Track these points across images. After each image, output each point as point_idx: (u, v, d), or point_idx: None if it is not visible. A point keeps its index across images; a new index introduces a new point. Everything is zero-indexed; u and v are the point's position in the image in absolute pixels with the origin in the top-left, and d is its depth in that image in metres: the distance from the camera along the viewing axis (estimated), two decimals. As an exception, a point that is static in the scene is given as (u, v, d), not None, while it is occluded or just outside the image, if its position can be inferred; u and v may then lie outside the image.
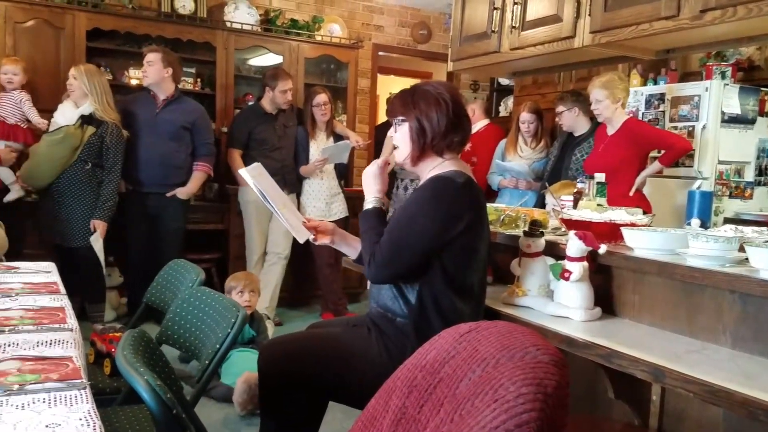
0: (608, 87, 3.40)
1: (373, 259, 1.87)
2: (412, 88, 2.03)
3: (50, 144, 3.67)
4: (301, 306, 5.02)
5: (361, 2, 6.04)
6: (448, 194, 1.88)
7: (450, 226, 1.85)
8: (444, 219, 1.85)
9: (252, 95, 5.18)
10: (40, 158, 3.68)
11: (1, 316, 1.69)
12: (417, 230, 1.85)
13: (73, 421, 1.09)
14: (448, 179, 1.90)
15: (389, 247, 1.87)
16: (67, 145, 3.68)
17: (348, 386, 1.92)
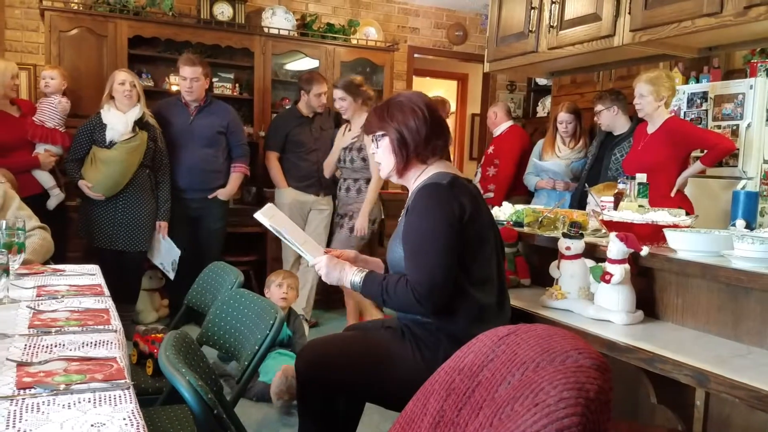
0: (654, 83, 3.33)
1: (417, 295, 1.82)
2: (385, 103, 2.03)
3: (128, 151, 3.75)
4: (336, 308, 5.04)
5: (396, 5, 6.05)
6: (440, 197, 1.86)
7: (456, 223, 1.84)
8: (448, 219, 1.84)
9: (289, 99, 5.23)
10: (118, 166, 3.75)
11: (48, 317, 1.74)
12: (434, 246, 1.83)
13: (117, 421, 1.11)
14: (433, 184, 1.89)
15: (422, 275, 1.83)
16: (140, 152, 3.80)
17: (384, 388, 1.92)
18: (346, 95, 3.99)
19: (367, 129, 2.03)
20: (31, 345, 1.51)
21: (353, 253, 2.16)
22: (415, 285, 1.83)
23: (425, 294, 1.82)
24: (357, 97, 4.01)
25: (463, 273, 1.88)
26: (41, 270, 2.39)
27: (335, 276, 1.99)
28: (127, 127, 3.78)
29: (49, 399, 1.19)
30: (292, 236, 2.02)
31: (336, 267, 2.00)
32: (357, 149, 3.98)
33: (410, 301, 1.83)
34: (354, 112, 4.04)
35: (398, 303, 1.88)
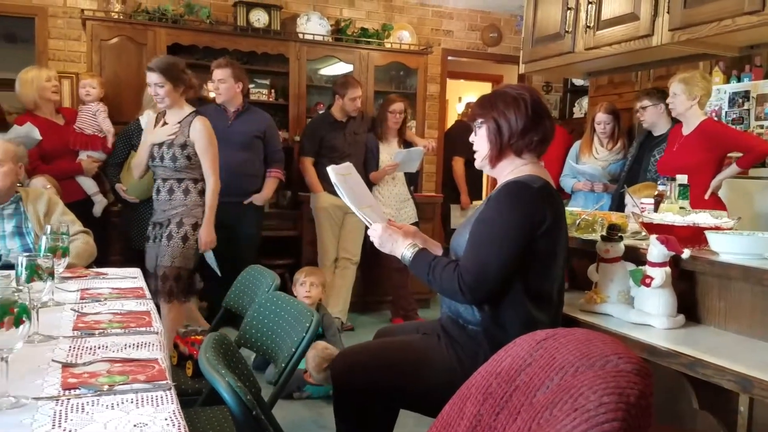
0: (687, 82, 3.33)
1: (463, 283, 1.81)
2: (492, 92, 2.03)
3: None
4: (371, 311, 5.06)
5: (430, 8, 6.05)
6: (524, 199, 1.83)
7: (531, 231, 1.81)
8: (525, 224, 1.81)
9: (323, 104, 5.27)
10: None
11: (91, 319, 1.79)
12: (499, 240, 1.81)
13: (159, 421, 1.13)
14: (522, 184, 1.86)
15: (475, 265, 1.81)
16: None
17: (419, 393, 1.92)
18: (164, 80, 3.23)
19: (470, 116, 2.03)
20: (75, 347, 1.55)
21: (413, 228, 2.16)
22: (463, 273, 1.81)
23: (470, 285, 1.80)
24: (178, 84, 3.29)
25: (522, 284, 1.84)
26: (85, 273, 2.45)
27: (388, 246, 2.00)
28: None
29: (93, 399, 1.22)
30: (353, 198, 2.01)
31: (390, 237, 2.00)
32: (180, 145, 3.28)
33: (453, 287, 1.82)
34: (173, 102, 3.30)
35: (441, 285, 1.87)
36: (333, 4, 5.67)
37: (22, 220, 2.69)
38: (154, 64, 3.25)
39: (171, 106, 3.32)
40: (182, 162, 3.29)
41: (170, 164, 3.30)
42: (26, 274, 1.57)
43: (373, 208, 2.13)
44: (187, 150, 3.28)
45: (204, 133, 3.28)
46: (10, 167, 2.64)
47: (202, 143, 3.27)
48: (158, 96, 3.27)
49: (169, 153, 3.29)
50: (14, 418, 1.13)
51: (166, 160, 3.30)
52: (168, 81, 3.22)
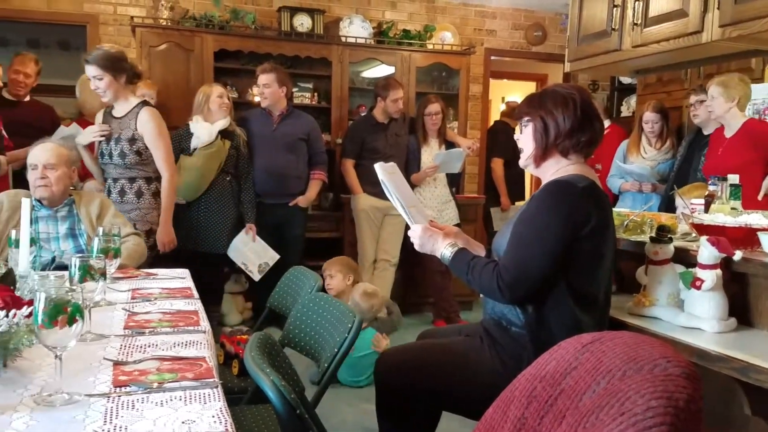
0: (725, 85, 3.37)
1: (501, 282, 1.79)
2: (541, 90, 2.01)
3: (206, 158, 3.94)
4: (413, 313, 5.05)
5: (473, 8, 6.02)
6: (568, 198, 1.80)
7: (574, 231, 1.79)
8: (567, 224, 1.78)
9: (365, 106, 5.29)
10: (196, 171, 3.94)
11: (142, 318, 1.84)
12: (540, 239, 1.79)
13: (207, 419, 1.16)
14: (567, 183, 1.83)
15: (515, 264, 1.80)
16: (217, 159, 3.97)
17: (461, 396, 1.91)
18: (102, 72, 3.09)
19: (517, 114, 2.02)
20: (126, 345, 1.60)
21: (455, 229, 2.16)
22: (503, 271, 1.80)
23: (509, 284, 1.78)
24: (118, 75, 3.14)
25: (567, 285, 1.82)
26: (135, 274, 2.52)
27: (428, 247, 2.00)
28: (210, 136, 3.96)
29: (143, 397, 1.25)
30: (399, 197, 2.01)
31: (431, 238, 2.00)
32: (128, 140, 3.15)
33: (492, 285, 1.81)
34: (116, 94, 3.17)
35: (480, 284, 1.86)
36: (375, 7, 5.70)
37: (75, 222, 2.78)
38: (90, 56, 3.08)
39: (116, 99, 3.17)
40: (132, 158, 3.13)
41: (119, 161, 3.15)
42: (79, 274, 1.62)
43: (417, 208, 2.13)
44: (136, 145, 3.14)
45: (153, 123, 3.15)
46: (63, 171, 2.72)
47: (152, 134, 3.15)
48: (99, 89, 3.11)
49: (117, 149, 3.14)
50: (67, 414, 1.17)
51: (115, 156, 3.14)
52: (107, 72, 3.08)
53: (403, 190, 2.07)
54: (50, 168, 2.69)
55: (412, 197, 2.16)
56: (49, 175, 2.68)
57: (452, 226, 2.19)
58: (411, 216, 2.05)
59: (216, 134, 3.97)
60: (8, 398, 1.22)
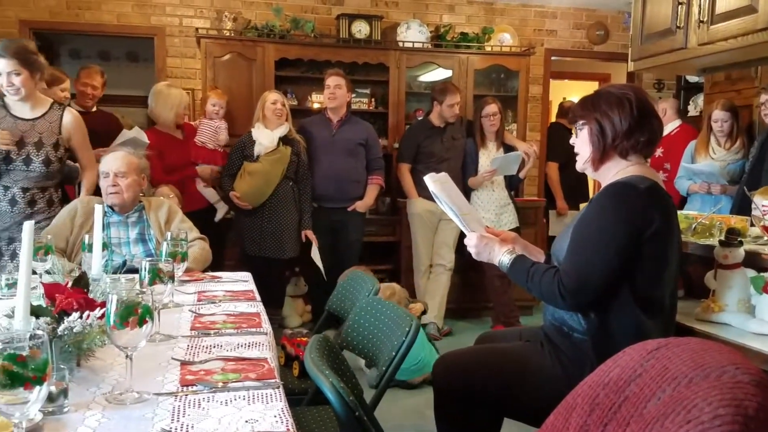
0: None
1: (563, 288, 1.76)
2: (594, 92, 1.96)
3: (271, 163, 4.05)
4: (471, 317, 5.01)
5: (532, 8, 5.94)
6: (629, 200, 1.75)
7: (636, 234, 1.74)
8: (628, 227, 1.74)
9: (422, 110, 5.30)
10: (262, 177, 4.06)
11: (207, 320, 1.90)
12: (601, 244, 1.75)
13: (269, 418, 1.19)
14: (627, 184, 1.79)
15: (576, 270, 1.76)
16: (281, 164, 4.07)
17: (521, 402, 1.88)
18: (21, 68, 2.79)
19: (571, 118, 1.99)
20: (192, 345, 1.65)
21: (513, 234, 2.13)
22: (564, 278, 1.76)
23: (571, 290, 1.75)
24: (35, 72, 2.87)
25: (631, 289, 1.77)
26: (201, 277, 2.60)
27: (485, 255, 1.98)
28: (272, 142, 4.05)
29: (208, 396, 1.29)
30: (452, 206, 2.00)
31: (487, 246, 1.97)
32: (52, 145, 2.93)
33: (553, 292, 1.77)
34: (30, 93, 2.88)
35: (540, 291, 1.83)
36: (433, 11, 5.70)
37: (145, 227, 2.89)
38: (7, 48, 2.75)
39: (28, 98, 2.88)
40: (56, 165, 2.93)
41: (40, 169, 2.91)
42: (149, 277, 1.69)
43: (471, 215, 2.11)
44: (60, 150, 2.93)
45: (80, 123, 3.05)
46: (133, 179, 2.84)
47: (80, 135, 3.05)
48: (12, 87, 2.80)
49: (40, 156, 2.91)
50: (137, 412, 1.22)
51: (36, 163, 2.90)
52: (24, 68, 2.80)
53: (456, 199, 2.05)
54: (121, 176, 2.81)
55: (466, 204, 2.14)
56: (120, 182, 2.80)
57: (509, 232, 2.16)
58: (466, 224, 2.03)
59: (277, 140, 4.06)
60: (82, 396, 1.28)
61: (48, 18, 5.02)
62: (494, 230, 2.11)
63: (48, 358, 0.95)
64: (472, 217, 2.10)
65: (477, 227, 2.05)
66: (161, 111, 4.10)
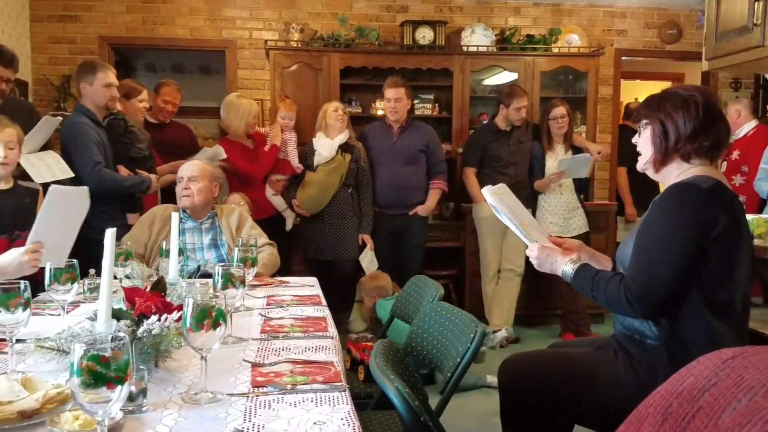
0: None
1: (629, 295, 1.72)
2: (661, 92, 1.90)
3: (327, 173, 4.14)
4: (539, 324, 4.92)
5: (601, 8, 5.81)
6: (692, 201, 1.70)
7: (701, 236, 1.68)
8: (693, 228, 1.69)
9: (486, 114, 5.26)
10: (318, 186, 4.15)
11: (276, 324, 1.95)
12: (666, 248, 1.70)
13: (336, 421, 1.21)
14: (689, 185, 1.73)
15: (641, 275, 1.72)
16: (338, 173, 4.15)
17: (593, 409, 1.84)
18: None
19: (635, 117, 1.96)
20: (262, 348, 1.70)
21: (577, 242, 2.09)
22: (630, 283, 1.72)
23: (637, 296, 1.70)
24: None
25: (700, 293, 1.72)
26: (270, 282, 2.67)
27: (547, 266, 1.95)
28: (331, 151, 4.14)
29: (278, 397, 1.33)
30: (512, 217, 1.98)
31: (549, 257, 1.94)
32: None
33: (619, 300, 1.73)
34: None
35: (607, 300, 1.79)
36: (498, 14, 5.66)
37: (218, 233, 3.00)
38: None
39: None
40: None
41: None
42: (222, 281, 1.75)
43: (532, 225, 2.08)
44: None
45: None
46: (204, 184, 2.96)
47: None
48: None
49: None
50: (211, 411, 1.27)
51: None
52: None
53: (516, 209, 2.03)
54: (193, 180, 2.94)
55: (527, 215, 2.11)
56: (192, 186, 2.93)
57: (573, 240, 2.12)
58: (527, 234, 2.00)
59: (336, 149, 4.12)
60: (159, 396, 1.34)
61: (125, 33, 5.27)
62: (557, 239, 2.07)
63: (129, 359, 1.00)
64: (534, 227, 2.07)
65: (539, 237, 2.02)
66: (232, 121, 4.23)
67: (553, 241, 2.03)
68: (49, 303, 2.03)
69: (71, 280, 1.73)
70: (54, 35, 5.19)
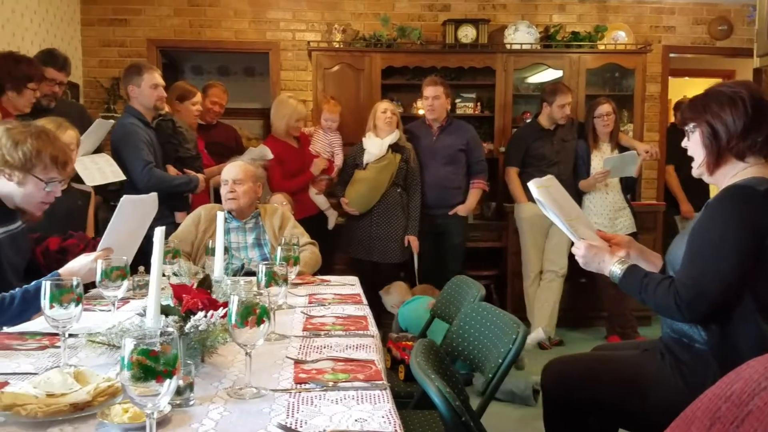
0: None
1: (679, 299, 1.67)
2: (703, 93, 1.85)
3: (377, 171, 4.15)
4: (583, 327, 4.84)
5: (648, 5, 5.68)
6: (746, 204, 1.65)
7: (756, 240, 1.63)
8: (747, 232, 1.64)
9: (530, 113, 5.20)
10: (369, 184, 4.17)
11: (318, 321, 1.97)
12: (719, 253, 1.65)
13: (377, 418, 1.22)
14: (744, 187, 1.68)
15: (692, 279, 1.68)
16: (388, 172, 4.15)
17: (639, 413, 1.81)
18: None
19: (681, 120, 1.91)
20: (304, 345, 1.73)
21: (627, 238, 2.04)
22: (680, 288, 1.68)
23: (688, 300, 1.66)
24: None
25: (754, 299, 1.67)
26: (312, 280, 2.71)
27: (594, 265, 1.90)
28: (381, 150, 4.13)
29: (320, 394, 1.35)
30: (557, 211, 1.93)
31: (596, 256, 1.89)
32: None
33: (669, 304, 1.69)
34: None
35: (655, 303, 1.74)
36: (542, 12, 5.59)
37: (261, 233, 3.05)
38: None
39: None
40: None
41: None
42: (265, 280, 1.78)
43: (579, 219, 2.03)
44: None
45: None
46: (249, 186, 3.01)
47: None
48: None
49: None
50: (255, 406, 1.29)
51: None
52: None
53: (564, 203, 1.98)
54: (238, 183, 2.99)
55: (575, 209, 2.05)
56: (237, 189, 2.99)
57: (623, 236, 2.08)
58: (574, 230, 1.95)
59: (386, 148, 4.13)
60: (206, 390, 1.38)
61: (173, 36, 5.40)
62: (606, 234, 2.03)
63: (178, 353, 1.03)
64: (581, 223, 2.02)
65: (586, 233, 1.97)
66: (274, 120, 4.32)
67: (602, 236, 1.99)
68: (99, 299, 2.10)
69: (122, 277, 1.78)
70: (104, 39, 5.35)
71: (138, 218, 2.22)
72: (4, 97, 3.03)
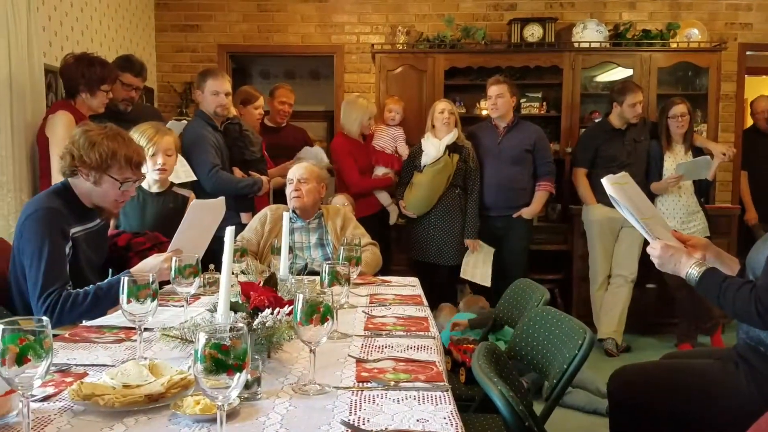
0: None
1: (761, 306, 1.61)
2: None
3: (434, 173, 4.14)
4: (653, 333, 4.68)
5: (723, 2, 5.45)
6: None
7: None
8: None
9: (599, 112, 5.08)
10: (425, 187, 4.17)
11: (379, 321, 1.99)
12: None
13: (439, 420, 1.23)
14: None
15: None
16: (445, 174, 4.14)
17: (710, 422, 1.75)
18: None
19: None
20: (366, 345, 1.75)
21: (704, 240, 1.97)
22: (762, 294, 1.61)
23: None
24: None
25: None
26: (373, 281, 2.73)
27: (670, 266, 1.84)
28: (438, 151, 4.12)
29: (382, 393, 1.37)
30: (632, 209, 1.87)
31: (672, 257, 1.83)
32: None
33: (749, 310, 1.63)
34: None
35: (734, 309, 1.68)
36: (612, 9, 5.45)
37: (324, 233, 3.10)
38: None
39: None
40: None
41: None
42: (328, 279, 1.82)
43: (655, 219, 1.96)
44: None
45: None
46: (313, 185, 3.07)
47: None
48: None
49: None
50: (319, 402, 1.32)
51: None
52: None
53: (639, 201, 1.92)
54: (303, 182, 3.06)
55: (650, 208, 1.99)
56: (302, 188, 3.06)
57: (700, 237, 2.00)
58: (649, 230, 1.89)
59: (443, 149, 4.11)
60: (272, 385, 1.42)
61: (242, 42, 5.55)
62: (682, 235, 1.96)
63: (247, 348, 1.06)
64: (657, 222, 1.95)
65: (662, 233, 1.91)
66: (345, 121, 4.37)
67: (678, 237, 1.92)
68: (172, 295, 2.18)
69: (194, 274, 1.85)
70: (177, 44, 5.55)
71: (206, 222, 2.31)
72: (78, 98, 3.18)
